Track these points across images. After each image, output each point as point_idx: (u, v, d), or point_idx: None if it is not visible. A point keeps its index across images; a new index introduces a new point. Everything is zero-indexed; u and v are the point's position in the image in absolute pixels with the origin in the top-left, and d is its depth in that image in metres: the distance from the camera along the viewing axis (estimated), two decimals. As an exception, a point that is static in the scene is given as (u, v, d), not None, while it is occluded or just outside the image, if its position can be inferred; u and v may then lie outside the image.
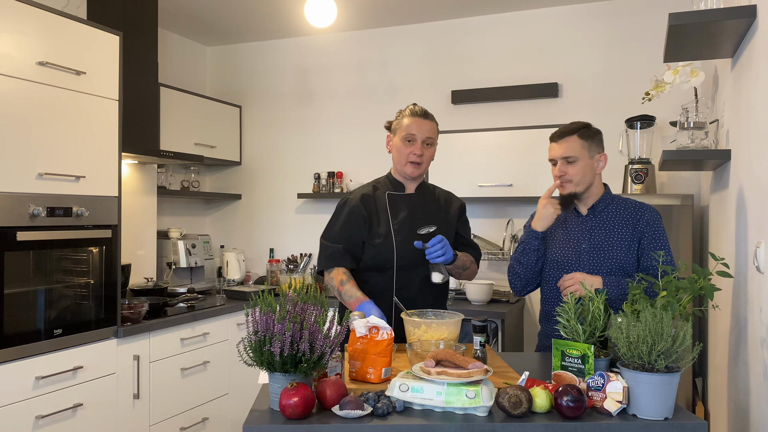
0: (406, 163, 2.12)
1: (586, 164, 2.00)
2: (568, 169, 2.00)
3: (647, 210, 2.03)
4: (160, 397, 2.95)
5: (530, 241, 2.05)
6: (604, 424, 1.32)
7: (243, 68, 4.47)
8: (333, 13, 3.16)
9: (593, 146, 2.02)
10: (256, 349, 1.38)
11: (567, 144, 2.00)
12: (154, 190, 3.64)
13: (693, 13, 1.74)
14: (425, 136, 2.10)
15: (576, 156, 1.99)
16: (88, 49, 2.63)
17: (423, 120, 2.11)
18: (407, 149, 2.11)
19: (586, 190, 2.04)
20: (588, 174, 2.01)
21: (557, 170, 2.03)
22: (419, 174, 2.16)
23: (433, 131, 2.14)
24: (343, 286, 2.03)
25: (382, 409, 1.35)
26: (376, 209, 2.16)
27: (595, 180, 2.04)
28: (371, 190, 2.21)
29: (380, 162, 3.91)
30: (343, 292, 2.02)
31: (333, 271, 2.09)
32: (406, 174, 2.15)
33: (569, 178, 2.01)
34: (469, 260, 2.19)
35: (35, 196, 2.40)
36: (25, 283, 2.37)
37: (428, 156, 2.14)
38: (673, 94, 3.02)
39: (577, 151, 1.99)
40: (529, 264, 2.08)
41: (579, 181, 2.01)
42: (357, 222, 2.13)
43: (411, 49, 3.99)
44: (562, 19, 3.63)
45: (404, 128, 2.12)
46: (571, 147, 1.99)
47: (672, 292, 1.45)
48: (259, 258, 4.38)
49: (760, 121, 1.58)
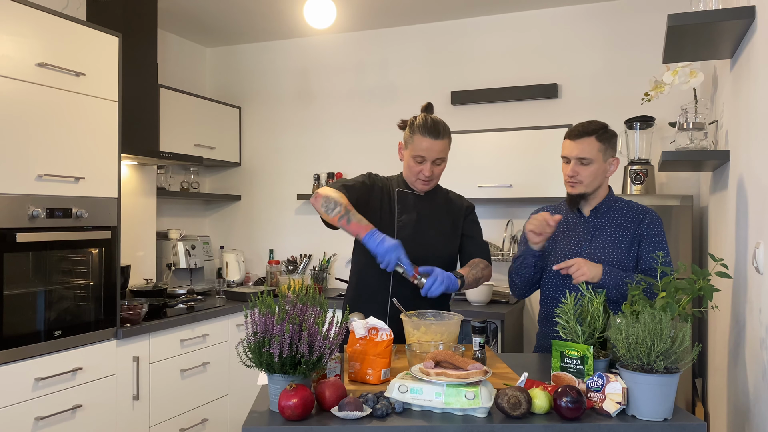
0: (416, 180, 2.09)
1: (599, 167, 1.98)
2: (580, 170, 1.98)
3: (648, 213, 2.02)
4: (160, 399, 2.95)
5: (527, 257, 2.05)
6: (603, 425, 1.32)
7: (242, 69, 4.48)
8: (332, 14, 3.16)
9: (608, 150, 2.00)
10: (255, 350, 1.38)
11: (584, 144, 1.97)
12: (154, 191, 3.64)
13: (692, 14, 1.74)
14: (436, 157, 2.03)
15: (591, 158, 1.96)
16: (88, 51, 2.63)
17: (434, 140, 2.00)
18: (417, 168, 2.05)
19: (594, 192, 2.03)
20: (599, 177, 2.00)
21: (570, 170, 1.99)
22: (429, 189, 2.13)
23: (445, 150, 2.05)
24: (352, 208, 1.88)
25: (382, 410, 1.35)
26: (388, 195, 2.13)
27: (603, 182, 2.04)
28: (386, 180, 2.18)
29: (380, 163, 3.91)
30: (352, 212, 1.86)
31: (341, 193, 1.93)
32: (416, 189, 2.13)
33: (580, 179, 1.98)
34: (479, 270, 2.10)
35: (35, 197, 2.40)
36: (25, 285, 2.37)
37: (438, 173, 2.08)
38: (673, 95, 3.03)
39: (593, 154, 1.96)
40: (527, 276, 2.08)
41: (589, 183, 1.99)
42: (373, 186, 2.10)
43: (410, 50, 4.00)
44: (561, 20, 3.64)
45: (414, 147, 2.03)
46: (588, 148, 1.96)
47: (671, 292, 1.45)
48: (258, 259, 4.38)
49: (759, 122, 1.59)
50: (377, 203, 2.11)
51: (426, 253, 2.05)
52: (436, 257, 2.09)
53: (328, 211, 1.87)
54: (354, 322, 1.63)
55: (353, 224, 1.84)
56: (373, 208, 2.09)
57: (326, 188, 1.93)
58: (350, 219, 1.84)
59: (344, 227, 1.86)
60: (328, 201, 1.87)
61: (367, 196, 2.07)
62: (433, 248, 2.10)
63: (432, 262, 2.05)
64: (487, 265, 2.16)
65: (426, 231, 2.11)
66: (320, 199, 1.90)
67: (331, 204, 1.87)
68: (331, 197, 1.88)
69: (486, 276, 2.13)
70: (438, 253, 2.11)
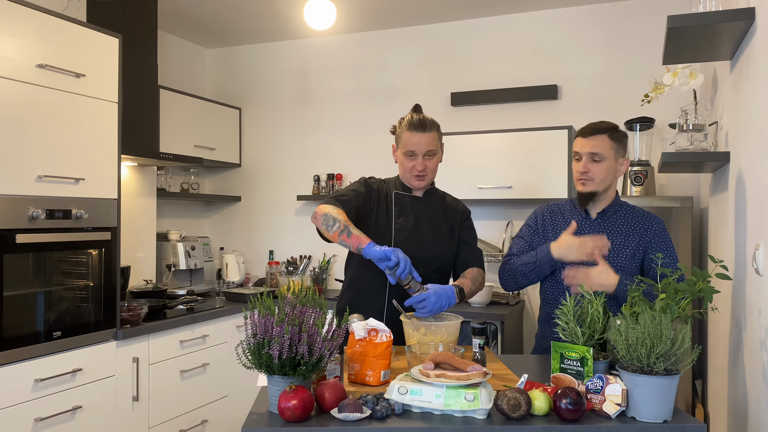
0: (411, 176, 2.11)
1: (610, 165, 1.99)
2: (592, 167, 1.98)
3: (655, 221, 2.02)
4: (160, 400, 2.95)
5: (544, 265, 2.02)
6: (603, 427, 1.32)
7: (242, 70, 4.48)
8: (332, 15, 3.16)
9: (620, 149, 2.01)
10: (255, 351, 1.38)
11: (597, 141, 1.98)
12: (154, 192, 3.64)
13: (692, 15, 1.74)
14: (425, 150, 2.06)
15: (604, 155, 1.97)
16: (88, 52, 2.63)
17: (421, 134, 2.05)
18: (409, 164, 2.09)
19: (604, 192, 2.03)
20: (610, 175, 2.00)
21: (582, 166, 1.99)
22: (426, 185, 2.14)
23: (434, 142, 2.08)
24: (351, 223, 1.91)
25: (381, 411, 1.35)
26: (385, 198, 2.15)
27: (612, 183, 2.04)
28: (383, 183, 2.20)
29: (380, 164, 3.91)
30: (352, 227, 1.89)
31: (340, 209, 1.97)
32: (413, 186, 2.14)
33: (592, 176, 1.98)
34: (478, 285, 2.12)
35: (34, 198, 2.40)
36: (25, 286, 2.37)
37: (432, 167, 2.10)
38: (672, 96, 3.03)
39: (605, 150, 1.97)
40: (533, 280, 2.08)
41: (601, 181, 1.99)
42: (369, 192, 2.12)
43: (410, 52, 4.00)
44: (561, 21, 3.64)
45: (404, 143, 2.08)
46: (601, 145, 1.97)
47: (671, 294, 1.45)
48: (258, 260, 4.38)
49: (759, 124, 1.59)
50: (374, 207, 2.12)
51: (423, 256, 2.05)
52: (434, 259, 2.10)
53: (329, 228, 1.93)
54: (354, 324, 1.63)
55: (354, 237, 1.88)
56: (370, 213, 2.11)
57: (324, 206, 1.98)
58: (350, 233, 1.89)
59: (344, 241, 1.90)
60: (327, 218, 1.93)
61: (364, 202, 2.09)
62: (431, 251, 2.10)
63: (429, 264, 2.07)
64: (482, 274, 2.18)
65: (423, 233, 2.11)
66: (320, 217, 1.95)
67: (330, 220, 1.93)
68: (329, 214, 1.93)
69: (480, 287, 2.15)
70: (435, 256, 2.11)
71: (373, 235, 2.06)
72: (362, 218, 2.09)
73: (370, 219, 2.10)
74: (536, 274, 2.05)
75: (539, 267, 2.03)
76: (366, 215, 2.10)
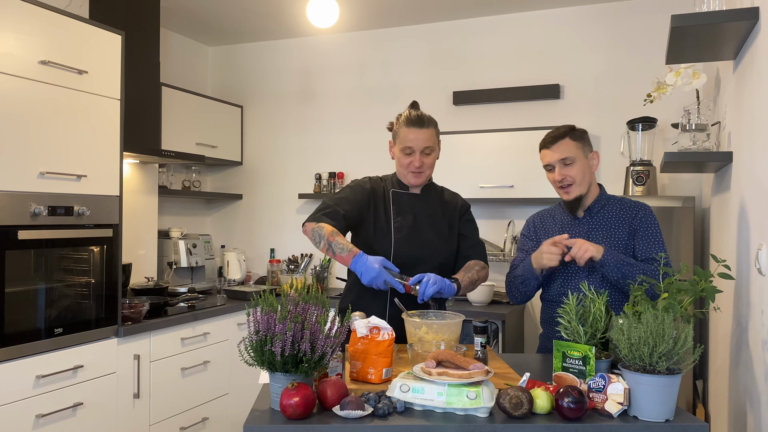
0: (408, 173, 2.11)
1: (583, 164, 2.01)
2: (568, 171, 2.00)
3: (641, 208, 2.04)
4: (161, 397, 2.95)
5: (530, 280, 2.04)
6: (605, 426, 1.32)
7: (245, 68, 4.48)
8: (335, 13, 3.16)
9: (585, 146, 2.03)
10: (257, 348, 1.38)
11: (561, 147, 2.00)
12: (155, 189, 3.64)
13: (695, 15, 1.74)
14: (423, 146, 2.06)
15: (573, 157, 1.99)
16: (90, 49, 2.63)
17: (419, 130, 2.04)
18: (407, 160, 2.08)
19: (587, 191, 2.04)
20: (587, 174, 2.02)
21: (557, 174, 2.01)
22: (423, 182, 2.14)
23: (431, 139, 2.07)
24: (334, 237, 1.94)
25: (383, 409, 1.35)
26: (382, 197, 2.14)
27: (592, 180, 2.05)
28: (380, 182, 2.20)
29: (381, 162, 3.90)
30: (334, 243, 1.93)
31: (323, 222, 2.00)
32: (410, 183, 2.14)
33: (571, 179, 2.00)
34: (475, 273, 2.09)
35: (36, 195, 2.40)
36: (26, 282, 2.37)
37: (429, 163, 2.10)
38: (675, 96, 3.02)
39: (573, 152, 1.99)
40: (527, 292, 2.09)
41: (581, 181, 2.01)
42: (361, 195, 2.11)
43: (413, 50, 3.99)
44: (563, 20, 3.63)
45: (402, 139, 2.08)
46: (567, 149, 1.99)
47: (673, 293, 1.45)
48: (259, 258, 4.38)
49: (762, 124, 1.58)
50: (371, 208, 2.12)
51: (423, 253, 2.05)
52: (434, 256, 2.09)
53: (316, 244, 2.00)
54: (356, 321, 1.63)
55: (338, 256, 1.94)
56: (367, 214, 2.11)
57: (310, 223, 2.02)
58: (335, 251, 1.93)
59: (332, 258, 1.97)
60: (314, 234, 1.99)
61: (353, 207, 2.08)
62: (430, 248, 2.10)
63: (429, 262, 2.06)
64: (484, 266, 2.15)
65: (422, 231, 2.11)
66: (308, 234, 2.02)
67: (316, 237, 1.99)
68: (315, 230, 1.99)
69: (483, 277, 2.13)
70: (435, 253, 2.10)
71: (372, 235, 2.07)
72: (358, 222, 2.10)
73: (368, 220, 2.11)
74: (527, 285, 2.06)
75: (528, 279, 2.05)
76: (362, 218, 2.10)
